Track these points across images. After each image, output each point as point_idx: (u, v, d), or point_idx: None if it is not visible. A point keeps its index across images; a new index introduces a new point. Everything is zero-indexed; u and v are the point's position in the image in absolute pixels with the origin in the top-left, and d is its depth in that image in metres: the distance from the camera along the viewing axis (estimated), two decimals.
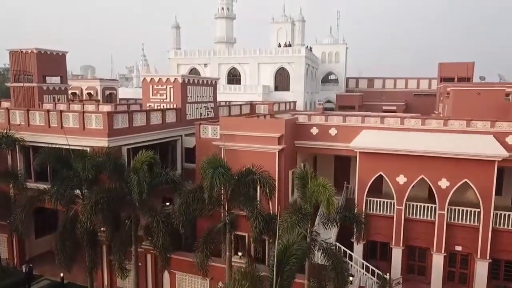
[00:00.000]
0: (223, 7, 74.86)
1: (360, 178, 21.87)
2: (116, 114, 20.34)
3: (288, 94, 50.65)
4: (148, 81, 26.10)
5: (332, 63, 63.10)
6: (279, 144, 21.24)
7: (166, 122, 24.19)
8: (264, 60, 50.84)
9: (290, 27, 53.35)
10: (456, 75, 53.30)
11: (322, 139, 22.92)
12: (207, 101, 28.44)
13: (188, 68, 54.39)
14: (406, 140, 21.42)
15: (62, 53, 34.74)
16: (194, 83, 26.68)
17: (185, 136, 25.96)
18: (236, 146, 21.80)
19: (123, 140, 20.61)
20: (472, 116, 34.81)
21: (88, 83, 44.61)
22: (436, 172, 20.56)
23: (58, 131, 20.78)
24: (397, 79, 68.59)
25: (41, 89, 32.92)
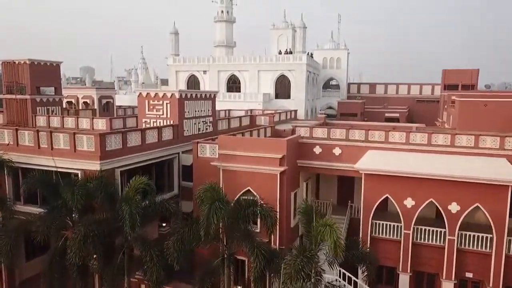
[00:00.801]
0: (222, 11, 73.97)
1: (365, 201, 20.82)
2: (109, 135, 19.30)
3: (289, 102, 49.61)
4: (144, 96, 25.07)
5: (334, 69, 62.09)
6: (281, 165, 20.21)
7: (162, 140, 23.16)
8: (264, 67, 49.79)
9: (291, 33, 52.34)
10: (460, 82, 52.34)
11: (325, 158, 21.88)
12: (206, 116, 27.42)
13: (187, 75, 53.40)
14: (414, 162, 20.37)
15: (56, 64, 33.67)
16: (192, 98, 25.65)
17: (182, 153, 24.94)
18: (235, 166, 20.80)
19: (116, 162, 19.57)
20: (479, 128, 33.93)
21: (84, 91, 43.54)
22: (446, 195, 19.52)
23: (48, 153, 19.76)
24: (399, 84, 67.61)
25: (34, 101, 31.83)
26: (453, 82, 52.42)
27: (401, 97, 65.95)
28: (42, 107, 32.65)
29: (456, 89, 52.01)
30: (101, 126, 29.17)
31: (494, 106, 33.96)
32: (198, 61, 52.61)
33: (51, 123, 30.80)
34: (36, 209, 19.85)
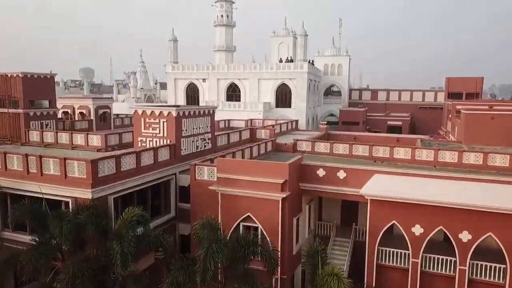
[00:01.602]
0: (222, 15, 73.17)
1: (371, 227, 19.78)
2: (102, 161, 18.30)
3: (290, 111, 48.64)
4: (140, 113, 24.08)
5: (335, 76, 61.11)
6: (283, 191, 19.22)
7: (158, 161, 22.17)
8: (264, 75, 48.82)
9: (291, 41, 51.37)
10: (464, 91, 51.41)
11: (329, 182, 20.86)
12: (204, 132, 26.44)
13: (186, 83, 52.44)
14: (422, 188, 19.33)
15: (50, 76, 32.75)
16: (190, 115, 24.66)
17: (179, 173, 23.93)
18: (235, 191, 19.81)
19: (109, 189, 18.57)
20: (486, 142, 33.02)
21: (80, 101, 42.48)
22: (457, 223, 18.49)
23: (38, 178, 18.77)
24: (401, 91, 66.64)
25: (27, 115, 30.85)
26: (457, 90, 51.49)
27: (404, 103, 64.94)
28: (36, 121, 31.70)
29: (460, 97, 51.10)
30: (96, 142, 28.20)
31: (502, 119, 33.02)
32: (197, 69, 51.64)
33: (45, 138, 29.85)
34: (25, 236, 18.89)
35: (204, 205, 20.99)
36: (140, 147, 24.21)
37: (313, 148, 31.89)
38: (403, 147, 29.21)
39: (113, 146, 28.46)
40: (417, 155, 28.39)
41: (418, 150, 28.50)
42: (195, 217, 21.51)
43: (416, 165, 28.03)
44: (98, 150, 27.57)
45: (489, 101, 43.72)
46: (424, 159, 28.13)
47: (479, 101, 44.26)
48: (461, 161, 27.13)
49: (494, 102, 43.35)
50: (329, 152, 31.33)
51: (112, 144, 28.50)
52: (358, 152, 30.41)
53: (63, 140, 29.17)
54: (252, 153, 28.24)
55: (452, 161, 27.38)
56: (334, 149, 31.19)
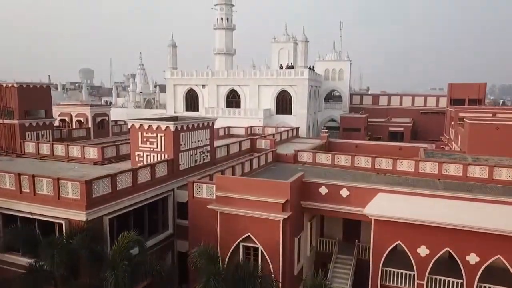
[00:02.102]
0: (222, 18, 72.54)
1: (375, 248, 19.16)
2: (96, 181, 17.67)
3: (290, 118, 48.03)
4: (137, 127, 23.45)
5: (336, 81, 60.51)
6: (284, 211, 18.61)
7: (156, 177, 21.54)
8: (265, 82, 48.21)
9: (292, 47, 50.78)
10: (467, 97, 50.79)
11: (332, 200, 20.23)
12: (203, 145, 25.82)
13: (185, 89, 51.81)
14: (428, 207, 18.70)
15: (46, 85, 32.22)
16: (188, 129, 24.04)
17: (177, 189, 23.32)
18: (234, 211, 19.20)
19: (104, 209, 17.95)
20: (491, 152, 32.41)
21: (78, 109, 41.92)
22: (464, 245, 17.86)
23: (30, 198, 18.15)
24: (403, 96, 66.10)
25: (23, 126, 30.28)
26: (459, 96, 50.89)
27: (405, 108, 64.34)
28: (32, 131, 31.15)
29: (463, 103, 50.52)
30: (92, 154, 27.58)
31: (506, 129, 32.39)
32: (197, 75, 51.03)
33: (40, 149, 29.24)
34: (18, 258, 18.26)
35: (202, 224, 20.40)
36: (137, 161, 23.64)
37: (315, 159, 31.27)
38: (407, 159, 28.58)
39: (110, 159, 27.85)
40: (421, 167, 27.78)
41: (422, 162, 27.88)
42: (193, 237, 20.95)
43: (419, 177, 27.48)
44: (95, 163, 26.99)
45: (492, 109, 43.07)
46: (428, 171, 27.52)
47: (482, 108, 43.63)
48: (466, 174, 26.52)
49: (497, 110, 42.71)
50: (331, 163, 30.72)
51: (109, 156, 27.87)
52: (360, 164, 29.82)
53: (59, 152, 28.55)
54: (252, 166, 27.63)
55: (457, 174, 26.77)
56: (336, 160, 30.59)
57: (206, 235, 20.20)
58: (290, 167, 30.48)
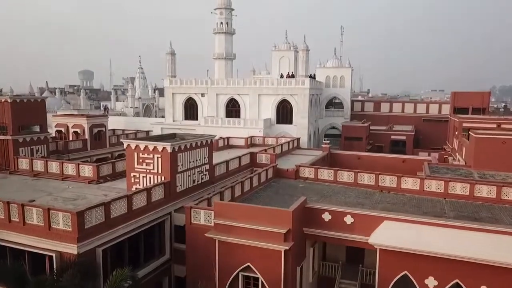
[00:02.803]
0: (222, 22, 71.76)
1: (380, 277, 18.31)
2: (89, 211, 16.83)
3: (291, 128, 47.21)
4: (133, 148, 22.61)
5: (337, 88, 59.67)
6: (286, 241, 17.77)
7: (152, 201, 20.71)
8: (265, 91, 47.39)
9: (293, 55, 49.96)
10: (470, 105, 49.95)
11: (335, 227, 19.39)
12: (202, 164, 24.99)
13: (184, 97, 50.98)
14: (436, 237, 17.85)
15: (41, 99, 31.47)
16: (186, 149, 23.22)
17: (174, 211, 22.51)
18: (233, 239, 18.37)
19: (97, 240, 17.11)
20: (497, 167, 31.61)
21: (74, 120, 41.09)
22: (475, 277, 17.01)
23: (20, 229, 17.33)
24: (405, 103, 65.34)
25: (16, 141, 29.47)
26: (463, 105, 50.05)
27: (407, 115, 63.53)
28: (26, 147, 30.37)
29: (466, 112, 49.67)
30: (87, 173, 26.75)
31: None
32: (196, 83, 50.19)
33: (34, 166, 28.43)
34: None
35: (200, 251, 19.60)
36: (132, 182, 22.82)
37: (316, 175, 30.45)
38: (411, 177, 27.77)
39: (106, 176, 27.05)
40: (426, 185, 26.95)
41: (427, 180, 27.05)
42: (191, 264, 20.17)
43: (425, 196, 26.67)
44: (90, 181, 26.19)
45: (497, 119, 42.20)
46: (434, 190, 26.70)
47: (486, 119, 42.77)
48: (472, 193, 25.69)
49: (502, 120, 41.88)
50: (333, 179, 29.89)
51: (105, 174, 27.06)
52: (363, 181, 29.00)
53: (53, 169, 27.73)
54: (252, 183, 26.82)
55: (463, 193, 25.94)
56: (338, 176, 29.76)
57: (204, 262, 19.43)
58: (292, 184, 29.68)
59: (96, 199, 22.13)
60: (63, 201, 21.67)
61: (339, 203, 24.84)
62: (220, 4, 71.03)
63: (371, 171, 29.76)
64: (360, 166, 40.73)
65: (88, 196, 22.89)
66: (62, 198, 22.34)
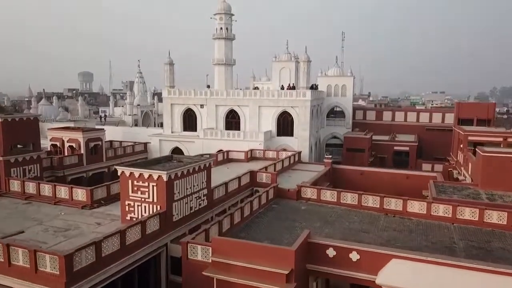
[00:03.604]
0: (221, 27, 70.72)
1: None
2: (78, 252, 15.76)
3: (292, 140, 46.17)
4: (127, 175, 21.57)
5: (339, 97, 58.65)
6: (288, 282, 16.69)
7: (147, 233, 19.66)
8: (265, 103, 46.35)
9: (294, 66, 48.89)
10: (475, 117, 48.89)
11: (340, 264, 18.32)
12: (199, 190, 23.94)
13: (183, 108, 49.93)
14: (449, 279, 16.79)
15: (33, 117, 30.37)
16: (183, 175, 22.18)
17: (171, 242, 21.47)
18: (232, 279, 17.31)
19: (87, 282, 16.06)
20: (506, 187, 30.55)
21: (70, 134, 39.96)
22: None
23: (5, 270, 16.28)
24: (408, 111, 64.26)
25: (8, 162, 28.43)
26: (467, 116, 49.01)
27: (410, 124, 62.43)
28: (18, 167, 29.38)
29: (471, 123, 48.63)
30: (81, 197, 25.71)
31: None
32: (195, 94, 49.16)
33: (26, 188, 27.38)
34: None
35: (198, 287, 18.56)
36: (127, 211, 21.78)
37: (319, 196, 29.42)
38: (418, 200, 26.72)
39: (101, 200, 26.02)
40: (433, 210, 25.92)
41: (434, 204, 26.01)
42: None
43: (432, 220, 25.64)
44: (83, 206, 25.16)
45: (503, 133, 41.14)
46: (441, 214, 25.67)
47: (492, 133, 41.70)
48: (482, 219, 24.66)
49: (508, 134, 40.83)
50: (336, 201, 28.88)
51: (99, 197, 26.03)
52: (367, 203, 27.96)
53: (45, 192, 26.69)
54: (252, 207, 25.82)
55: (472, 218, 24.92)
56: (342, 198, 28.75)
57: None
58: (293, 206, 28.64)
59: (88, 230, 21.17)
60: (53, 232, 20.63)
61: (343, 230, 23.85)
62: (219, 9, 70.02)
63: (375, 191, 28.83)
64: (363, 182, 39.79)
65: (81, 225, 21.86)
66: (53, 228, 21.29)
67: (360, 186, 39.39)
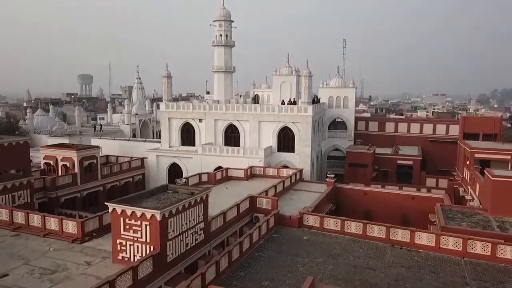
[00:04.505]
0: (221, 34, 69.65)
1: None
2: None
3: (293, 157, 44.86)
4: (119, 212, 20.28)
5: (340, 108, 57.32)
6: None
7: (138, 278, 18.34)
8: (265, 118, 45.06)
9: (294, 80, 47.58)
10: (481, 131, 47.53)
11: None
12: (195, 224, 22.62)
13: (181, 122, 48.63)
14: None
15: (23, 142, 29.18)
16: (178, 211, 20.88)
17: (165, 284, 20.14)
18: None
19: None
20: None
21: (63, 152, 38.54)
22: None
23: None
24: (411, 122, 62.90)
25: None
26: (473, 131, 47.62)
27: (413, 136, 61.11)
28: (7, 194, 28.13)
29: (477, 138, 47.27)
30: (71, 229, 24.39)
31: None
32: (193, 108, 47.87)
33: (15, 217, 26.10)
34: None
35: None
36: (119, 250, 20.50)
37: (322, 224, 28.15)
38: (426, 232, 25.47)
39: (92, 232, 24.70)
40: (443, 242, 24.64)
41: (443, 237, 24.71)
42: None
43: (441, 254, 24.34)
44: (74, 240, 23.85)
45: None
46: (451, 247, 24.39)
47: (500, 150, 40.29)
48: (495, 254, 23.39)
49: None
50: (340, 229, 27.58)
51: (91, 229, 24.71)
52: (373, 233, 26.66)
53: (34, 222, 25.39)
54: (252, 239, 24.55)
55: (484, 253, 23.64)
56: (346, 227, 27.44)
57: None
58: (295, 235, 27.32)
59: (77, 272, 19.90)
60: (39, 275, 19.35)
61: (347, 267, 22.55)
62: (219, 16, 68.80)
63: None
64: (367, 203, 38.55)
65: (69, 265, 20.57)
66: (40, 269, 19.99)
67: (364, 207, 38.24)
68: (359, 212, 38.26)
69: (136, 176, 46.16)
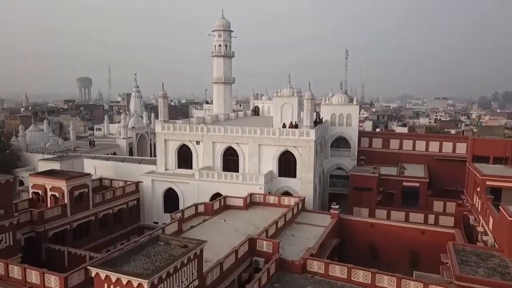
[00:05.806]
0: (220, 45, 68.22)
1: None
2: None
3: (295, 182, 42.79)
4: (102, 278, 18.23)
5: (343, 126, 55.23)
6: None
7: None
8: (266, 141, 42.99)
9: (296, 102, 45.52)
10: (491, 154, 45.43)
11: None
12: (189, 283, 20.59)
13: (178, 144, 46.58)
14: None
15: (5, 181, 26.99)
16: (169, 275, 18.84)
17: None
18: None
19: None
20: None
21: (52, 182, 36.56)
22: None
23: None
24: (416, 139, 60.72)
25: None
26: (483, 153, 45.49)
27: (418, 154, 59.02)
28: None
29: (487, 161, 45.20)
30: (54, 284, 22.44)
31: None
32: (190, 130, 45.78)
33: None
34: None
35: None
36: None
37: (327, 271, 26.15)
38: (441, 286, 23.39)
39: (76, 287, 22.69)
40: None
41: None
42: None
43: None
44: None
45: None
46: None
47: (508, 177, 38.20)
48: None
49: None
50: (346, 277, 25.57)
51: (75, 284, 22.70)
52: (383, 283, 24.63)
53: (14, 274, 23.41)
54: None
55: None
56: (353, 275, 25.41)
57: None
58: (298, 285, 25.29)
59: None
60: None
61: None
62: (218, 26, 67.09)
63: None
64: (374, 236, 36.55)
65: None
66: None
67: (370, 241, 36.27)
68: (365, 246, 36.33)
69: (131, 202, 44.11)
